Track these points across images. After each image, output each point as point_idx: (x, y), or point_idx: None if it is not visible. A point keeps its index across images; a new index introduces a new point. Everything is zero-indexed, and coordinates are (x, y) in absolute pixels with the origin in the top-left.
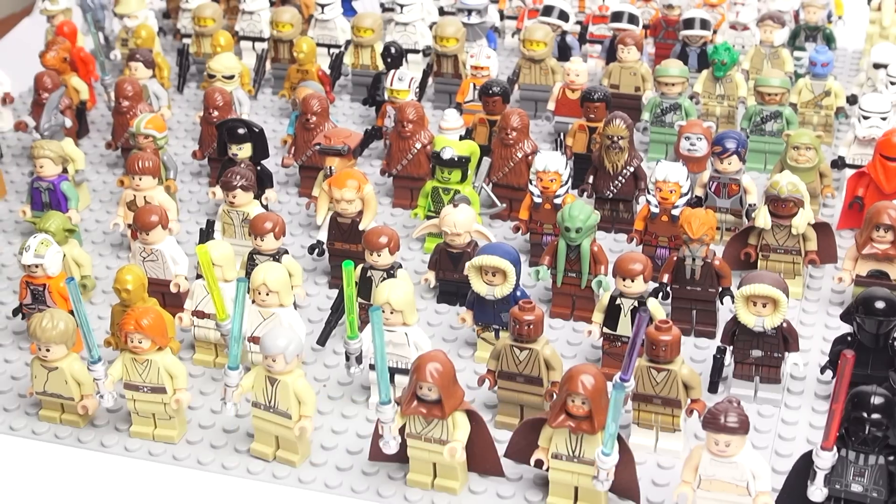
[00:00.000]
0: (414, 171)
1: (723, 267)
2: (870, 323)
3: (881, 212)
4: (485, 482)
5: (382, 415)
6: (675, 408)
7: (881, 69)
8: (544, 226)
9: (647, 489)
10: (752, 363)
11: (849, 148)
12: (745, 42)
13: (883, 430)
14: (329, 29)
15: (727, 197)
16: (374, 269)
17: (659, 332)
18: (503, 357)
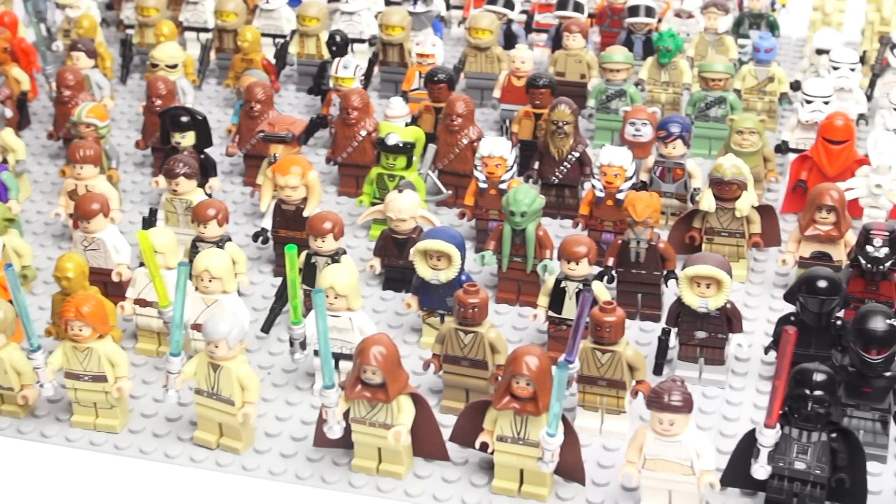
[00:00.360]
0: (359, 159)
1: (667, 250)
2: (812, 302)
3: (823, 193)
4: (430, 466)
5: (326, 399)
6: (620, 389)
7: (824, 55)
8: (490, 211)
9: (593, 471)
10: (697, 345)
11: (792, 132)
12: (689, 29)
13: (825, 407)
14: (274, 18)
15: (672, 181)
16: (319, 255)
17: (603, 314)
18: (448, 341)
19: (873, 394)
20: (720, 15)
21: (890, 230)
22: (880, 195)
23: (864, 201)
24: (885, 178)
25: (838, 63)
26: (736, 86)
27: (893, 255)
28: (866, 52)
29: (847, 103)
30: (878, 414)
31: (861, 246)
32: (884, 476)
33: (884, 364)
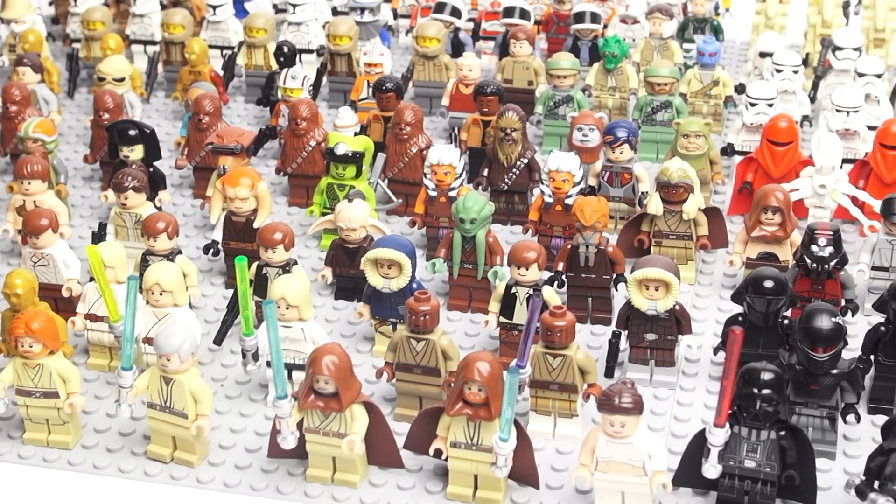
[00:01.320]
0: (309, 169)
1: (616, 253)
2: (759, 302)
3: (768, 195)
4: (385, 474)
5: (279, 410)
6: (572, 393)
7: (767, 58)
8: (440, 219)
9: (547, 474)
10: (647, 347)
11: (737, 135)
12: (635, 35)
13: (773, 405)
14: (221, 30)
15: (620, 186)
16: (270, 266)
17: (553, 318)
18: (400, 349)
19: (821, 391)
20: (665, 20)
21: (834, 230)
22: (824, 195)
23: (809, 202)
24: (828, 179)
25: (781, 66)
26: (681, 90)
27: (838, 254)
28: (809, 54)
29: (791, 105)
30: (826, 411)
31: (806, 246)
32: (833, 472)
33: (830, 362)
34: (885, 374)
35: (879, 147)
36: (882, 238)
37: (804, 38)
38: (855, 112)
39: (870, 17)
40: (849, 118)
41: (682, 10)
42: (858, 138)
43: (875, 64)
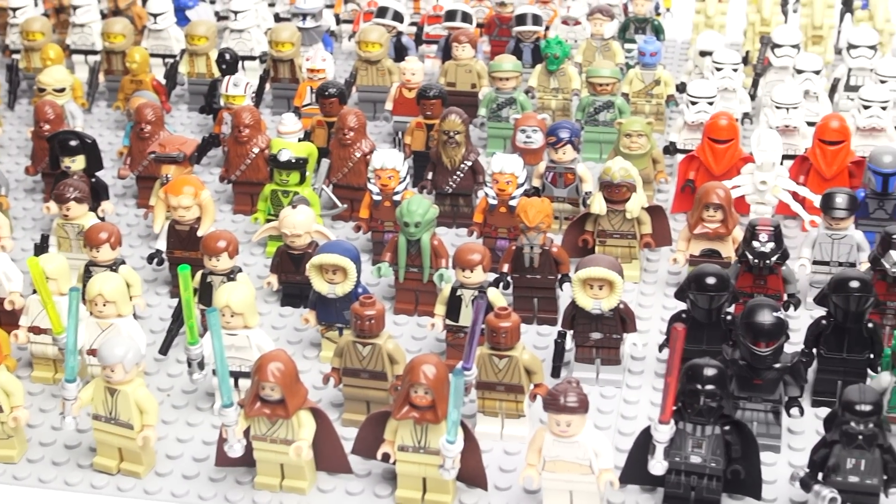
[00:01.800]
0: (253, 176)
1: (560, 254)
2: (702, 299)
3: (710, 192)
4: (333, 480)
5: (225, 418)
6: (519, 394)
7: (707, 56)
8: (385, 223)
9: (495, 475)
10: (593, 346)
11: (679, 133)
12: (576, 36)
13: (717, 400)
14: (163, 39)
15: (563, 186)
16: (214, 275)
17: (498, 320)
18: (347, 354)
19: (764, 386)
20: (606, 21)
21: (775, 225)
22: (765, 191)
23: (751, 198)
24: (769, 175)
25: (721, 64)
26: (623, 90)
27: (779, 249)
28: (749, 52)
29: (731, 103)
30: (770, 405)
31: (748, 242)
32: (778, 465)
33: (773, 356)
34: (828, 367)
35: (818, 143)
36: (822, 233)
37: (744, 36)
38: (794, 108)
39: (808, 15)
40: (788, 115)
41: (622, 10)
42: (798, 134)
43: (813, 61)
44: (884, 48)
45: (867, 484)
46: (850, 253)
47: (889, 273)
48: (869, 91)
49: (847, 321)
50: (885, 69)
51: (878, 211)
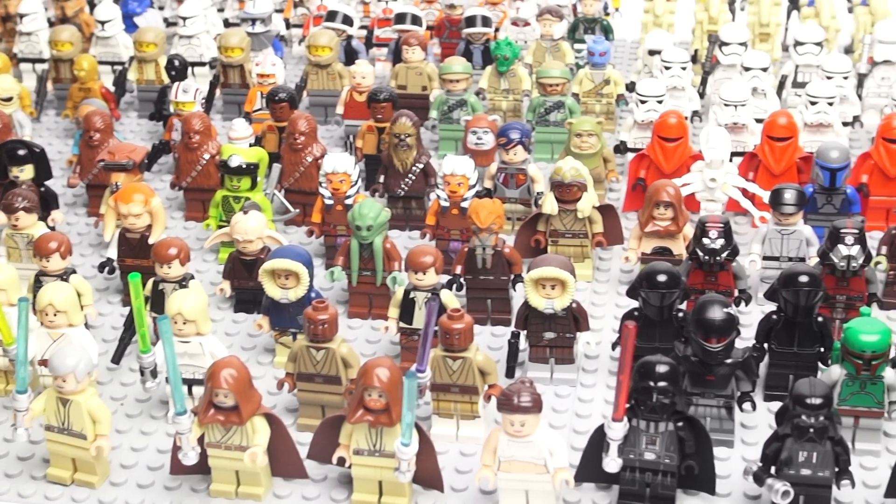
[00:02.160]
0: (204, 183)
1: (512, 254)
2: (653, 296)
3: (660, 190)
4: (289, 485)
5: (179, 426)
6: (473, 395)
7: (656, 55)
8: (337, 227)
9: (451, 477)
10: (546, 345)
11: (629, 132)
12: (526, 37)
13: (670, 397)
14: (111, 46)
15: (515, 187)
16: (166, 282)
17: (451, 321)
18: (300, 359)
19: (716, 381)
20: (555, 21)
21: (724, 222)
22: (715, 188)
23: (701, 195)
24: (718, 172)
25: (670, 63)
26: (574, 90)
27: (729, 245)
28: (697, 50)
29: (680, 101)
30: (723, 400)
31: (698, 239)
32: (732, 460)
33: (724, 352)
34: (779, 362)
35: (767, 139)
36: (772, 228)
37: (692, 34)
38: (742, 106)
39: (754, 13)
40: (736, 112)
41: (572, 10)
42: (747, 131)
43: (761, 58)
44: (830, 44)
45: (819, 476)
46: (799, 248)
47: (837, 267)
48: (816, 87)
49: (797, 316)
50: (831, 65)
51: (826, 206)
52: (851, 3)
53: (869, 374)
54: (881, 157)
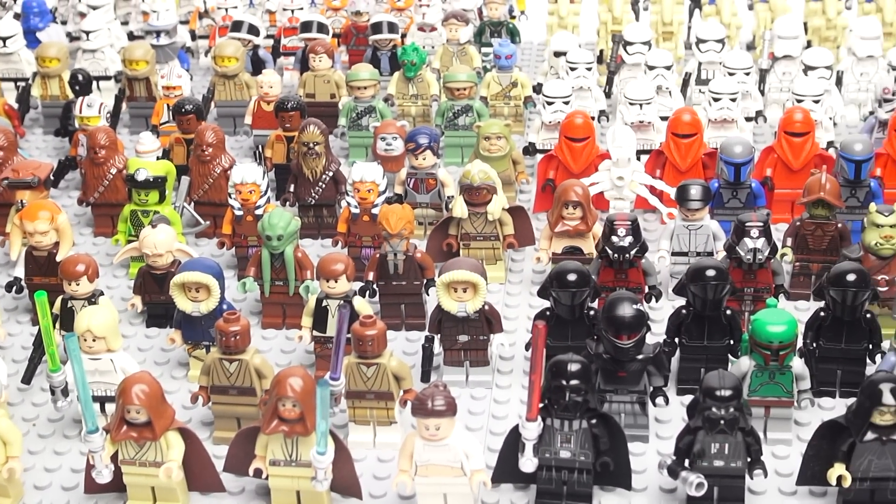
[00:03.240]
0: (112, 198)
1: (424, 259)
2: (564, 296)
3: (568, 190)
4: (206, 499)
5: (91, 444)
6: (389, 401)
7: (561, 57)
8: (248, 238)
9: (369, 483)
10: (461, 348)
11: (538, 134)
12: (433, 42)
13: (582, 395)
14: (13, 62)
15: (426, 192)
16: (75, 299)
17: (364, 328)
18: (214, 371)
19: (629, 377)
20: (461, 26)
21: (632, 219)
22: (623, 187)
23: (609, 194)
24: (625, 171)
25: (575, 64)
26: (481, 93)
27: (637, 242)
28: (602, 51)
29: (587, 101)
30: (636, 396)
31: (607, 237)
32: (647, 455)
33: (635, 348)
34: (690, 356)
35: (672, 136)
36: (679, 224)
37: (597, 35)
38: (647, 104)
39: (657, 12)
40: (642, 110)
41: (477, 14)
42: (652, 129)
43: (664, 56)
44: (731, 41)
45: (732, 467)
46: (706, 242)
47: (744, 260)
48: (718, 84)
49: (706, 309)
50: (733, 62)
51: (731, 200)
52: (751, 1)
53: (777, 364)
54: (784, 151)
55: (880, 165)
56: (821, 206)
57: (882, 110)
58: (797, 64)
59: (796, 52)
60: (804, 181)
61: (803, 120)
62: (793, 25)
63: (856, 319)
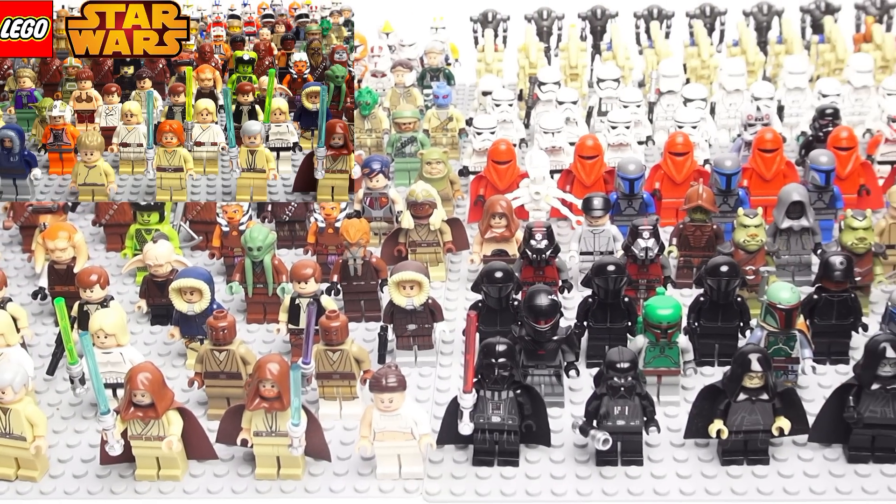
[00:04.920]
0: (120, 219)
1: (379, 263)
2: (492, 290)
3: (494, 203)
4: (202, 466)
5: (104, 423)
6: (352, 380)
7: (488, 95)
8: (234, 250)
9: (337, 448)
10: (410, 335)
11: (470, 158)
12: (384, 85)
13: (509, 370)
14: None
15: (379, 208)
16: (90, 303)
17: (329, 321)
18: (206, 360)
19: (547, 355)
20: (406, 72)
21: (547, 226)
22: (539, 200)
23: (528, 206)
24: (541, 187)
25: (499, 101)
26: (424, 127)
27: (552, 245)
28: (521, 90)
29: (509, 132)
30: (553, 370)
31: (526, 241)
32: (563, 418)
33: (551, 331)
34: (596, 336)
35: (579, 158)
36: (586, 229)
37: (517, 77)
38: (558, 132)
39: (566, 57)
40: (554, 138)
41: (419, 62)
42: (563, 153)
43: (571, 94)
44: (625, 80)
45: (631, 426)
46: (608, 243)
47: (638, 257)
48: (615, 115)
49: (608, 298)
50: (627, 96)
51: (627, 209)
52: (641, 46)
53: (666, 341)
54: (669, 168)
55: (746, 178)
56: (699, 212)
57: (747, 133)
58: (678, 97)
59: (677, 88)
60: (685, 192)
61: (684, 142)
62: (674, 66)
63: (729, 303)
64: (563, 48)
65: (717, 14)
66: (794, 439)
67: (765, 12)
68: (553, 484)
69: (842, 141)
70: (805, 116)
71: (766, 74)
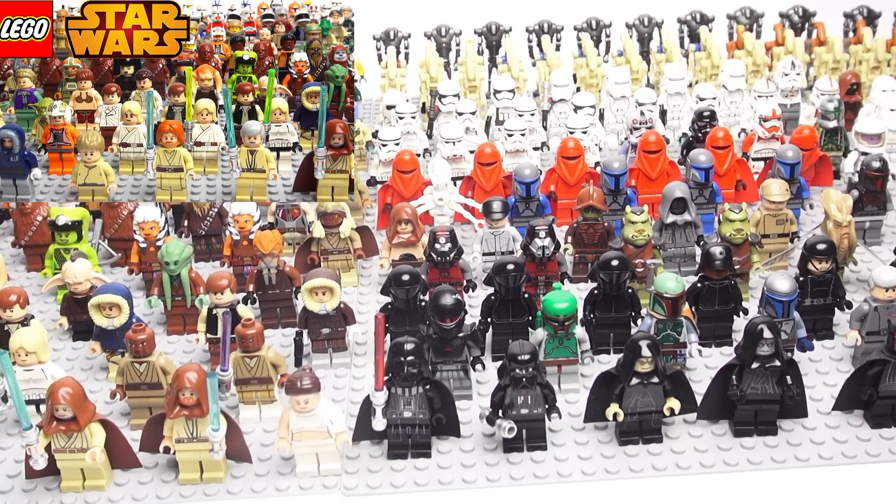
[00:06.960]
0: (39, 240)
1: (293, 271)
2: (400, 292)
3: (400, 210)
4: (127, 475)
5: (27, 439)
6: (269, 384)
7: (392, 109)
8: (152, 265)
9: (258, 450)
10: (324, 339)
11: (377, 169)
12: None
13: (417, 367)
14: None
15: (292, 219)
16: (10, 323)
17: (245, 328)
18: (127, 372)
19: (454, 351)
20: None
21: (450, 230)
22: (443, 206)
23: (433, 212)
24: (444, 193)
25: (403, 114)
26: None
27: (455, 248)
28: (424, 103)
29: (413, 142)
30: (460, 365)
31: (431, 245)
32: (471, 409)
33: (456, 328)
34: (500, 331)
35: (478, 165)
36: (487, 231)
37: (419, 91)
38: (459, 142)
39: (464, 71)
40: (454, 147)
41: None
42: (464, 161)
43: (470, 105)
44: (520, 90)
45: (534, 413)
46: (507, 244)
47: (536, 255)
48: (511, 123)
49: (509, 295)
50: (521, 106)
51: (525, 211)
52: (534, 59)
53: (564, 332)
54: (563, 171)
55: (634, 177)
56: (591, 211)
57: (633, 136)
58: (569, 105)
59: (568, 96)
60: (578, 193)
61: (575, 147)
62: (565, 76)
63: (621, 294)
64: (461, 62)
65: (603, 27)
66: (684, 418)
67: (646, 24)
68: (464, 472)
69: (719, 140)
70: (685, 119)
71: (648, 81)
